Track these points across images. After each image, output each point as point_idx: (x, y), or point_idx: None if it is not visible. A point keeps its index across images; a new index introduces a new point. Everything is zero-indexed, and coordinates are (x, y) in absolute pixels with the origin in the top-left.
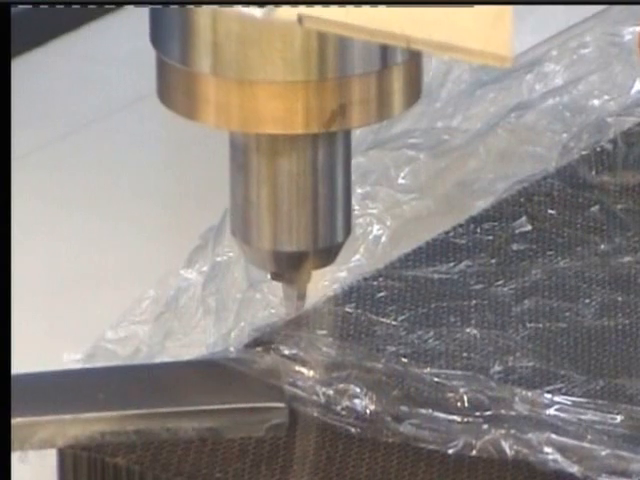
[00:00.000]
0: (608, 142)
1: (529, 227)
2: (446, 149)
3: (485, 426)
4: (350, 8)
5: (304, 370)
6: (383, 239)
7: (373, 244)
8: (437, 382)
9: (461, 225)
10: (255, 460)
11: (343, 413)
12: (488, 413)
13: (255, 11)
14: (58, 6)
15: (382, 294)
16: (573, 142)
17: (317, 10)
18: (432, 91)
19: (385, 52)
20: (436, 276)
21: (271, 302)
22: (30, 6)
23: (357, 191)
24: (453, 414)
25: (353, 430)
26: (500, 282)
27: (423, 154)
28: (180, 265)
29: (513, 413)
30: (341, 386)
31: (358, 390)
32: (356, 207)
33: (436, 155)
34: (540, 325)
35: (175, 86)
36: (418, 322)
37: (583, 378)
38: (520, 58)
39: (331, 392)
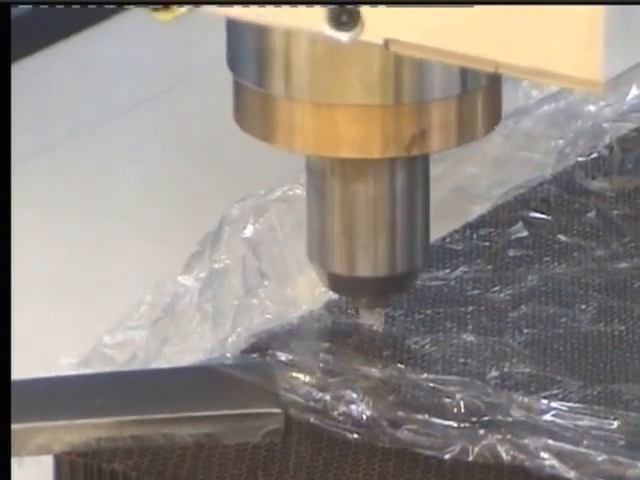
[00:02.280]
0: (604, 148)
1: (525, 233)
2: (442, 155)
3: (482, 431)
4: (439, 32)
5: (301, 376)
6: None
7: None
8: (434, 388)
9: (457, 231)
10: (251, 466)
11: (340, 419)
12: (485, 419)
13: (341, 36)
14: (58, 7)
15: None
16: (569, 148)
17: (405, 34)
18: None
19: (465, 76)
20: (433, 282)
21: (268, 308)
22: (26, 12)
23: None
24: (450, 420)
25: (350, 436)
26: (496, 288)
27: None
28: (177, 271)
29: (510, 419)
30: (338, 392)
31: (355, 396)
32: None
33: (432, 161)
34: (536, 331)
35: (251, 109)
36: (415, 328)
37: (580, 384)
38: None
39: (328, 398)
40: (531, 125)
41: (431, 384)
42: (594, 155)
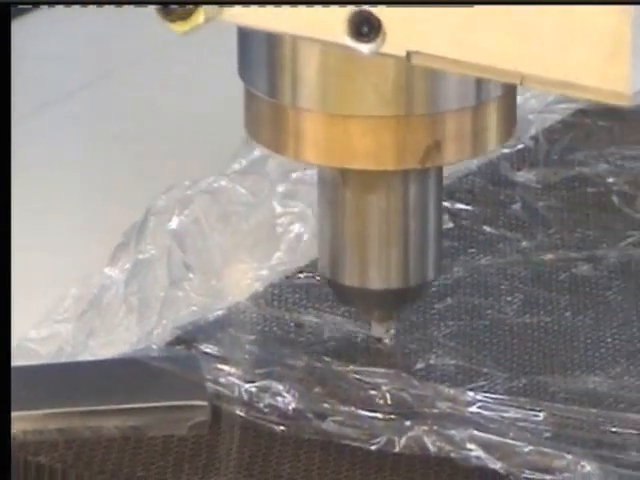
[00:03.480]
0: (529, 139)
1: (451, 224)
2: None
3: (408, 423)
4: (462, 44)
5: (226, 368)
6: (305, 237)
7: (295, 242)
8: (359, 380)
9: None
10: (178, 458)
11: (266, 410)
12: (411, 411)
13: (362, 47)
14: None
15: (304, 292)
16: None
17: (427, 46)
18: None
19: (480, 87)
20: None
21: (193, 300)
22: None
23: (278, 190)
24: (376, 412)
25: (276, 428)
26: None
27: None
28: (103, 263)
29: (436, 411)
30: (263, 383)
31: (281, 387)
32: (277, 205)
33: None
34: (462, 322)
35: (263, 120)
36: (340, 320)
37: (505, 375)
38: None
39: (254, 389)
40: None
41: (357, 376)
42: (519, 146)
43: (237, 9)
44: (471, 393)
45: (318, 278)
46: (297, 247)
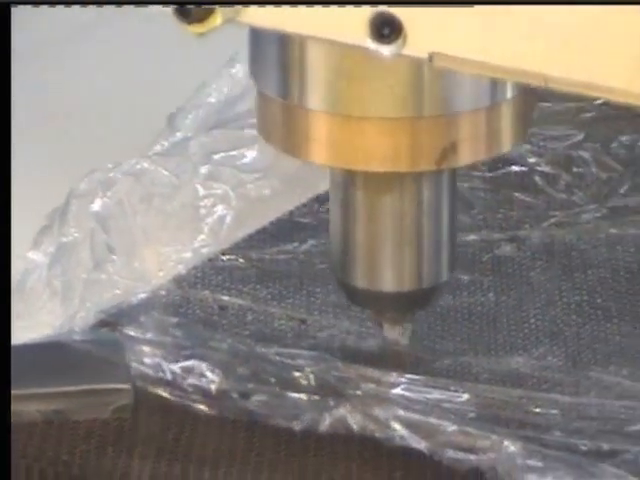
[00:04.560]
0: None
1: None
2: None
3: (332, 403)
4: (485, 45)
5: (150, 350)
6: (228, 219)
7: (218, 224)
8: (283, 362)
9: (305, 205)
10: (101, 442)
11: (190, 390)
12: (335, 392)
13: (383, 49)
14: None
15: (227, 274)
16: None
17: (450, 48)
18: None
19: (495, 88)
20: (281, 256)
21: (117, 283)
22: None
23: (201, 171)
24: (300, 392)
25: (200, 408)
26: None
27: None
28: (26, 247)
29: (359, 392)
30: (187, 364)
31: (204, 368)
32: (200, 187)
33: None
34: None
35: (276, 121)
36: (264, 302)
37: (429, 357)
38: None
39: (177, 370)
40: None
41: (280, 358)
42: None
43: (255, 10)
44: (394, 374)
45: (242, 260)
46: (220, 229)
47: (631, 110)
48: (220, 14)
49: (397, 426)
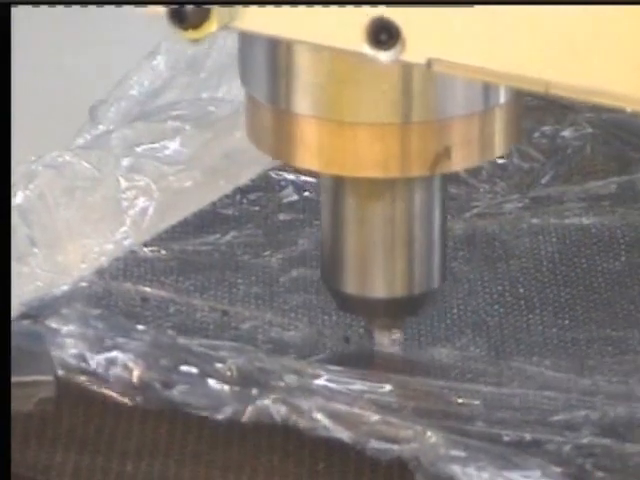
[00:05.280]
0: None
1: (296, 197)
2: (212, 120)
3: (254, 393)
4: (487, 51)
5: (72, 341)
6: (150, 211)
7: (140, 216)
8: (206, 353)
9: (228, 196)
10: (24, 435)
11: (112, 382)
12: (258, 383)
13: (380, 55)
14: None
15: (149, 266)
16: None
17: (449, 53)
18: (197, 61)
19: (488, 92)
20: (203, 247)
21: (39, 276)
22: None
23: (123, 164)
24: (223, 383)
25: (122, 399)
26: (267, 252)
27: (189, 125)
28: None
29: (282, 384)
30: (110, 355)
31: (127, 359)
32: (122, 180)
33: (202, 126)
34: (308, 295)
35: (266, 126)
36: (186, 293)
37: (352, 348)
38: None
39: (100, 362)
40: None
41: (202, 349)
42: None
43: (251, 16)
44: (317, 365)
45: (164, 252)
46: (142, 221)
47: (553, 101)
48: (216, 20)
49: (320, 416)
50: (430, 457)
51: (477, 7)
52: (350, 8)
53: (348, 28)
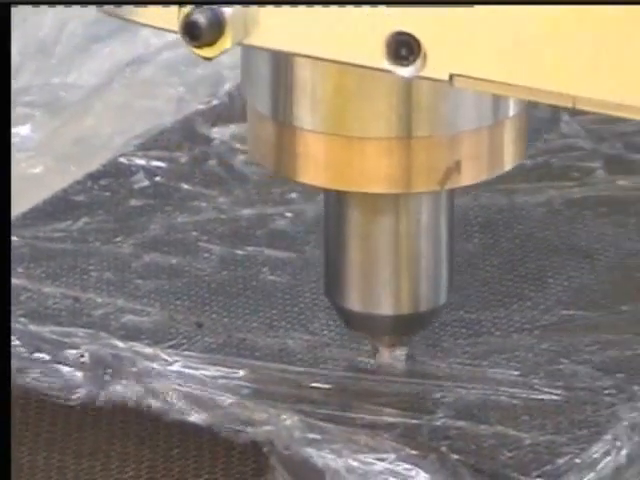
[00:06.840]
0: (224, 95)
1: (147, 182)
2: (62, 106)
3: (107, 377)
4: (509, 66)
5: None
6: None
7: None
8: (58, 340)
9: (79, 182)
10: None
11: None
12: (111, 368)
13: (401, 71)
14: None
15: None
16: (189, 95)
17: (472, 69)
18: (47, 47)
19: (497, 106)
20: (55, 234)
21: None
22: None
23: None
24: (76, 369)
25: None
26: (119, 238)
27: (39, 111)
28: None
29: (135, 369)
30: None
31: None
32: None
33: (52, 112)
34: (160, 281)
35: (269, 141)
36: (38, 281)
37: (207, 333)
38: None
39: None
40: (151, 73)
41: (55, 336)
42: (215, 102)
43: (267, 32)
44: (171, 351)
45: (15, 239)
46: None
47: None
48: (230, 37)
49: (174, 400)
50: (285, 440)
51: (501, 21)
52: (369, 22)
53: (367, 44)
